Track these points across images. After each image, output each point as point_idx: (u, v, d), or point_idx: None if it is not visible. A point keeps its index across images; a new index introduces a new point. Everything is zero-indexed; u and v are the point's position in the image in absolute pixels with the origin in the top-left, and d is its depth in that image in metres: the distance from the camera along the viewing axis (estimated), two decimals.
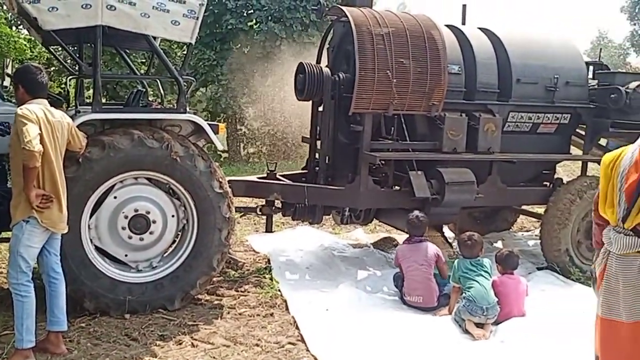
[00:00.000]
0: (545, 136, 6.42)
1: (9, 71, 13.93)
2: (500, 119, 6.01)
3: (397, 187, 6.02)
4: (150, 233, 4.76)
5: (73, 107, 5.64)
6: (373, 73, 5.47)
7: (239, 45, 14.53)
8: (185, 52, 5.72)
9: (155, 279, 4.80)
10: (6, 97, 5.23)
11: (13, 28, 14.58)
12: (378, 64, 5.48)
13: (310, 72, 5.86)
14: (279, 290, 5.42)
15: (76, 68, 6.51)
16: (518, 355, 4.21)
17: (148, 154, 4.61)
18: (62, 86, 13.54)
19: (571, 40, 6.73)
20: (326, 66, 6.21)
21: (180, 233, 4.98)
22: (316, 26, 14.10)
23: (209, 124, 4.97)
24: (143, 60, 12.72)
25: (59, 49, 7.07)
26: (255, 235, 7.35)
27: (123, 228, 4.69)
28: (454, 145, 5.82)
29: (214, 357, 4.16)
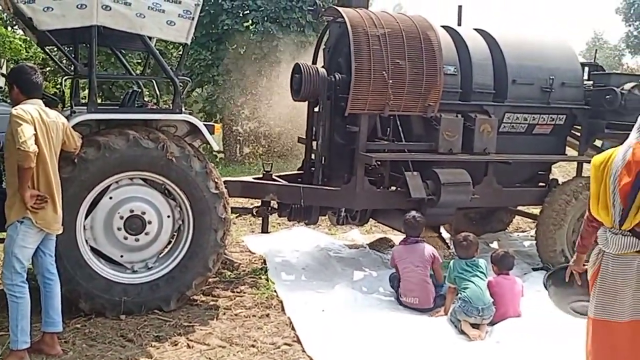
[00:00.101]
0: (540, 137, 6.44)
1: (4, 71, 13.89)
2: (496, 120, 6.02)
3: (393, 188, 6.02)
4: (145, 234, 4.76)
5: (68, 108, 5.63)
6: (369, 74, 5.48)
7: (235, 45, 14.51)
8: (181, 53, 5.70)
9: (150, 280, 4.80)
10: (1, 98, 5.21)
11: (8, 28, 14.52)
12: (374, 65, 5.48)
13: (306, 73, 5.85)
14: (275, 291, 5.41)
15: (71, 68, 6.48)
16: (514, 355, 4.21)
17: (144, 155, 4.60)
18: (58, 86, 13.48)
19: (566, 41, 6.75)
20: (322, 67, 6.21)
21: (175, 234, 4.97)
22: (312, 27, 14.09)
23: (205, 125, 4.97)
24: (139, 60, 12.68)
25: (55, 49, 7.06)
26: (251, 235, 7.34)
27: (118, 229, 4.68)
28: (450, 146, 5.82)
29: (210, 358, 4.15)
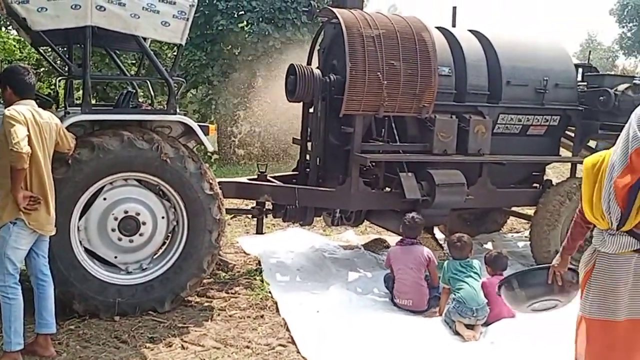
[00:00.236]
0: (534, 138, 6.46)
1: None
2: (490, 121, 6.03)
3: (388, 189, 6.03)
4: (140, 235, 4.75)
5: (62, 108, 5.60)
6: (364, 75, 5.48)
7: (230, 46, 14.49)
8: (175, 53, 5.69)
9: (145, 281, 4.78)
10: None
11: (2, 29, 14.47)
12: (369, 66, 5.48)
13: (301, 74, 5.85)
14: (270, 292, 5.40)
15: (66, 69, 6.47)
16: (508, 356, 4.22)
17: (138, 156, 4.59)
18: (52, 87, 13.43)
19: (560, 42, 6.78)
20: (317, 68, 6.21)
21: (170, 235, 4.96)
22: (307, 27, 14.08)
23: (200, 125, 4.96)
24: (133, 61, 12.66)
25: (49, 50, 7.02)
26: (245, 237, 7.33)
27: (113, 230, 4.67)
28: (445, 147, 5.84)
29: (204, 359, 4.14)
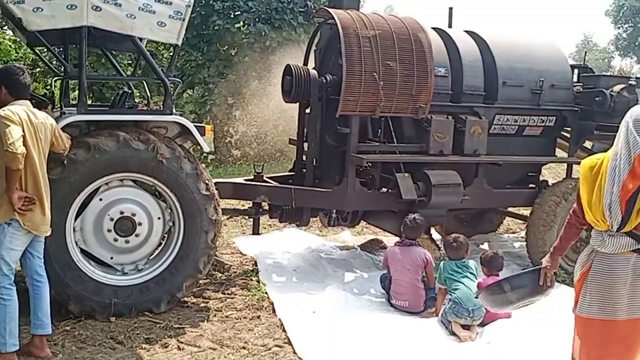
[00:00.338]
0: (530, 138, 6.47)
1: None
2: (486, 122, 6.04)
3: (384, 189, 6.03)
4: (136, 235, 4.73)
5: (58, 109, 5.59)
6: (360, 75, 5.48)
7: (226, 47, 14.50)
8: (171, 54, 5.68)
9: (141, 282, 4.77)
10: None
11: None
12: (365, 66, 5.49)
13: (297, 74, 5.85)
14: (266, 292, 5.40)
15: (61, 69, 6.44)
16: (504, 356, 4.23)
17: (134, 156, 4.58)
18: (48, 87, 13.41)
19: (556, 43, 6.79)
20: (313, 68, 6.21)
21: (166, 235, 4.95)
22: (303, 28, 14.09)
23: (196, 126, 4.95)
24: (129, 61, 12.64)
25: (44, 50, 7.02)
26: (242, 237, 7.32)
27: (109, 230, 4.66)
28: (441, 147, 5.84)
29: None
